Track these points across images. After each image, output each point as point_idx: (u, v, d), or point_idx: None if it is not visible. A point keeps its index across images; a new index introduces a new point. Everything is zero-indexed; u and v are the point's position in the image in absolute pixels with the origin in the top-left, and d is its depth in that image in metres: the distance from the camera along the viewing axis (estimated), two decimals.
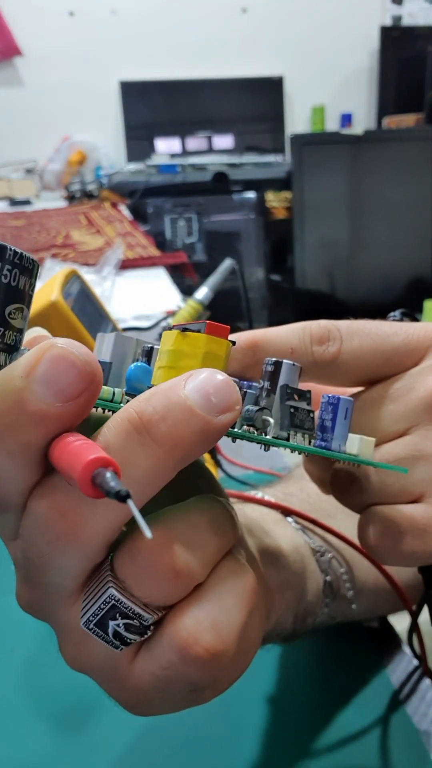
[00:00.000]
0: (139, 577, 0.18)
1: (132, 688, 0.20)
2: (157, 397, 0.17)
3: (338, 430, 0.21)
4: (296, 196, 2.36)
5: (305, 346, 0.24)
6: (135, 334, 0.84)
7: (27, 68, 2.61)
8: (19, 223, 1.80)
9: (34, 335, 0.24)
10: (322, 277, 2.45)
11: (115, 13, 2.63)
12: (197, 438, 0.17)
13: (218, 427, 0.17)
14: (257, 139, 2.76)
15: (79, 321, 0.53)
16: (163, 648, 0.19)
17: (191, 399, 0.17)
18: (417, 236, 2.45)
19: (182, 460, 0.18)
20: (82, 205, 2.08)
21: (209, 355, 0.19)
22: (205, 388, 0.17)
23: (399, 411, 0.24)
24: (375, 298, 2.44)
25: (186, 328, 0.19)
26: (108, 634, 0.19)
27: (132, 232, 1.64)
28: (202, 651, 0.19)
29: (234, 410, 0.18)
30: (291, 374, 0.22)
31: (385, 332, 0.24)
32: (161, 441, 0.17)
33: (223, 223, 2.39)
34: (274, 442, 0.20)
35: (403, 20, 2.88)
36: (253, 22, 2.72)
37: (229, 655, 0.19)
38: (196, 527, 0.20)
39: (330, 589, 0.32)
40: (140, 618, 0.18)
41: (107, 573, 0.19)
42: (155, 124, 2.69)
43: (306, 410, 0.21)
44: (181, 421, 0.17)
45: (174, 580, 0.18)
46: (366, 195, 2.40)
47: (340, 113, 2.87)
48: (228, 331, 0.19)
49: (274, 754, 0.33)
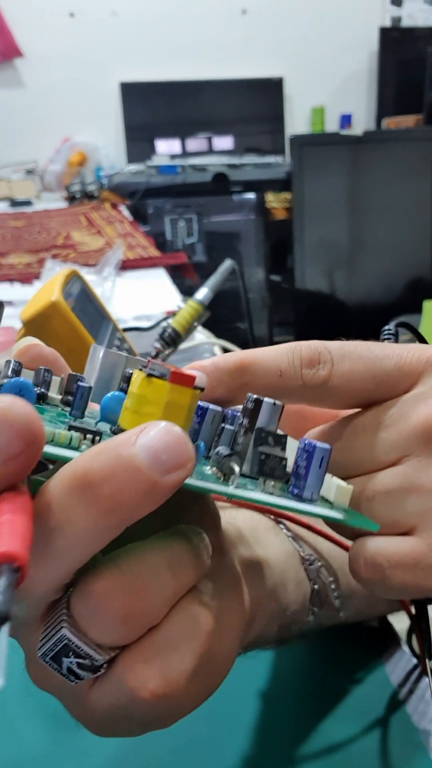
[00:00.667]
0: (90, 620, 0.18)
1: (90, 713, 0.20)
2: (104, 454, 0.17)
3: (311, 479, 0.21)
4: (296, 196, 2.36)
5: (295, 368, 0.24)
6: (135, 335, 0.85)
7: (27, 69, 2.62)
8: (20, 224, 1.80)
9: (26, 344, 0.24)
10: (321, 277, 2.45)
11: (115, 15, 2.63)
12: (142, 498, 0.17)
13: (166, 487, 0.17)
14: (257, 140, 2.76)
15: (80, 321, 0.53)
16: (112, 687, 0.19)
17: (139, 457, 0.17)
18: (417, 237, 2.45)
19: (126, 519, 0.17)
20: (83, 205, 2.09)
21: (171, 405, 0.18)
22: (155, 446, 0.17)
23: (391, 440, 0.23)
24: (375, 299, 2.44)
25: (151, 373, 0.19)
26: (63, 668, 0.19)
27: (132, 233, 1.65)
28: (148, 695, 0.19)
29: (185, 468, 0.17)
30: (271, 414, 0.21)
31: (377, 355, 0.24)
32: (103, 501, 0.17)
33: (223, 224, 2.39)
34: (232, 495, 0.20)
35: (403, 21, 2.88)
36: (253, 23, 2.73)
37: (179, 695, 0.20)
38: (152, 570, 0.19)
39: (318, 597, 0.32)
40: (91, 658, 0.19)
41: (63, 612, 0.19)
42: (155, 125, 2.69)
43: (278, 457, 0.20)
44: (125, 481, 0.17)
45: (123, 625, 0.19)
46: (366, 196, 2.40)
47: (339, 114, 2.87)
48: (193, 380, 0.19)
49: (273, 753, 0.33)
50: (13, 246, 1.52)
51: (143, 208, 2.28)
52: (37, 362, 0.24)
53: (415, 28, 2.87)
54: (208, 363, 0.24)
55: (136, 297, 1.11)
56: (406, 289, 2.45)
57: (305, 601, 0.32)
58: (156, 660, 0.19)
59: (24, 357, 0.24)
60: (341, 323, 2.47)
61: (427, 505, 0.22)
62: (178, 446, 0.17)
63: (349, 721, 0.34)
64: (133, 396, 0.19)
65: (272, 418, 0.21)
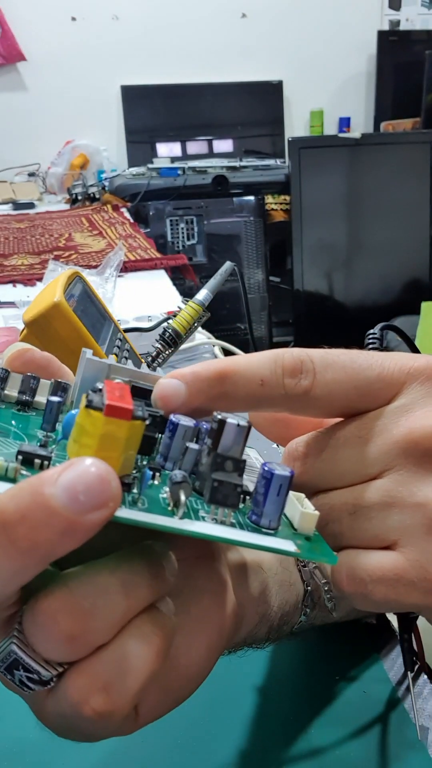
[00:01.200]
0: (37, 637, 0.19)
1: (47, 719, 0.21)
2: (22, 495, 0.17)
3: (269, 507, 0.20)
4: (295, 198, 2.38)
5: (276, 378, 0.23)
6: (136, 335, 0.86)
7: (30, 73, 2.63)
8: (22, 226, 1.82)
9: (16, 349, 0.24)
10: (320, 278, 2.47)
11: (116, 19, 2.65)
12: (59, 539, 0.17)
13: (86, 527, 0.17)
14: (257, 143, 2.78)
15: (81, 322, 0.54)
16: (59, 700, 0.20)
17: (57, 498, 0.16)
18: (414, 238, 2.46)
19: (46, 558, 0.17)
20: (84, 207, 2.10)
21: (107, 438, 0.18)
22: (75, 486, 0.17)
23: (372, 453, 0.23)
24: (373, 300, 2.46)
25: (89, 404, 0.18)
26: (15, 680, 0.19)
27: (133, 235, 1.66)
28: (90, 711, 0.19)
29: (107, 507, 0.17)
30: (235, 436, 0.20)
31: (360, 365, 0.23)
32: (19, 542, 0.17)
33: (223, 226, 2.41)
34: (170, 528, 0.19)
35: (401, 25, 2.90)
36: (253, 27, 2.74)
37: (124, 712, 0.20)
38: (103, 591, 0.19)
39: (311, 598, 0.32)
40: (39, 674, 0.19)
41: (15, 627, 0.19)
42: (156, 128, 2.71)
43: (233, 485, 0.20)
44: (42, 522, 0.17)
45: (68, 644, 0.19)
46: (364, 198, 2.41)
47: (338, 117, 2.89)
48: (130, 413, 0.18)
49: (270, 749, 0.33)
50: (16, 248, 1.54)
51: (144, 210, 2.30)
52: (28, 367, 0.24)
53: (412, 31, 2.88)
54: (188, 372, 0.23)
55: (137, 298, 1.13)
56: (404, 290, 2.46)
57: (298, 602, 0.32)
58: (100, 679, 0.19)
59: (16, 362, 0.24)
60: (340, 324, 2.49)
61: (408, 520, 0.22)
62: (100, 485, 0.17)
63: (347, 717, 0.34)
64: (76, 425, 0.19)
65: (237, 439, 0.20)
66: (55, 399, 0.22)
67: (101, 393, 0.19)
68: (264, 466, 0.20)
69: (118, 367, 0.23)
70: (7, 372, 0.24)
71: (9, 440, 0.21)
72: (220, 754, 0.33)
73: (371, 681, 0.37)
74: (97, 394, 0.19)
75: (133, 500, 0.19)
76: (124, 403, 0.18)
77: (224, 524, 0.20)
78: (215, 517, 0.20)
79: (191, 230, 2.37)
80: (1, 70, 2.61)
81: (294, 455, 0.25)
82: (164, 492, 0.20)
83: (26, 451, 0.19)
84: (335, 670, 0.38)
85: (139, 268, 1.33)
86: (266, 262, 2.45)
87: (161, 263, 1.36)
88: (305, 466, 0.24)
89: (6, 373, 0.24)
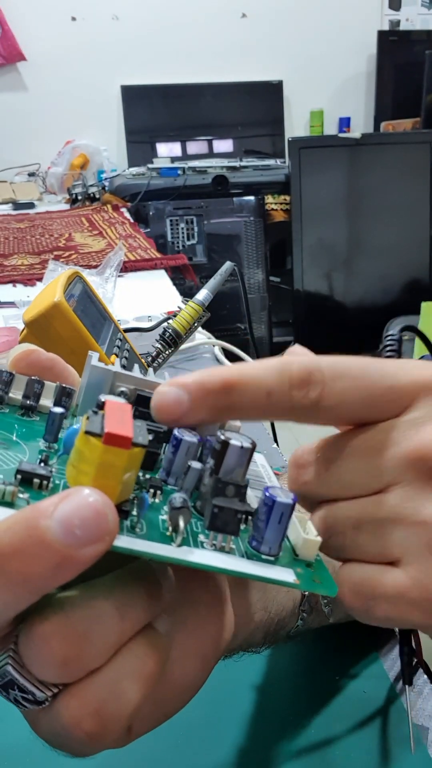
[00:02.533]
0: (31, 659, 0.19)
1: (42, 733, 0.21)
2: (17, 527, 0.17)
3: (269, 534, 0.20)
4: (295, 198, 2.38)
5: (283, 389, 0.22)
6: (136, 335, 0.86)
7: (30, 73, 2.64)
8: (22, 226, 1.82)
9: (22, 350, 0.24)
10: (320, 278, 2.47)
11: (116, 19, 2.65)
12: (52, 573, 0.17)
13: (81, 561, 0.17)
14: (257, 143, 2.78)
15: (82, 322, 0.54)
16: (52, 719, 0.20)
17: (52, 531, 0.16)
18: (414, 239, 2.47)
19: (39, 590, 0.17)
20: (85, 207, 2.11)
21: (104, 466, 0.18)
22: (71, 520, 0.16)
23: (380, 467, 0.22)
24: (373, 300, 2.46)
25: (88, 430, 0.18)
26: (10, 698, 0.20)
27: (133, 235, 1.66)
28: (82, 734, 0.19)
29: (103, 541, 0.17)
30: (238, 458, 0.20)
31: (372, 376, 0.22)
32: (11, 575, 0.17)
33: (223, 226, 2.41)
34: (165, 558, 0.19)
35: (401, 25, 2.90)
36: (253, 27, 2.75)
37: (115, 735, 0.20)
38: (98, 614, 0.19)
39: (308, 603, 0.32)
40: (33, 695, 0.19)
41: (10, 647, 0.19)
42: (156, 128, 2.71)
43: (233, 511, 0.19)
44: (35, 555, 0.16)
45: (62, 668, 0.18)
46: (364, 198, 2.42)
47: (338, 117, 2.89)
48: (129, 442, 0.18)
49: (269, 746, 0.33)
50: (16, 248, 1.54)
51: (144, 210, 2.30)
52: (33, 368, 0.24)
53: (412, 31, 2.88)
54: (191, 381, 0.21)
55: (137, 298, 1.13)
56: (403, 290, 2.46)
57: (295, 606, 0.32)
58: (93, 702, 0.19)
59: (21, 363, 0.24)
60: (340, 323, 2.49)
61: (412, 537, 0.21)
62: (96, 519, 0.16)
63: (346, 715, 0.34)
64: (75, 449, 0.18)
65: (240, 461, 0.20)
66: (58, 410, 0.22)
67: (101, 416, 0.18)
68: (266, 491, 0.20)
69: (124, 374, 0.22)
70: (11, 375, 0.23)
71: (9, 453, 0.21)
72: (220, 753, 0.33)
73: (371, 680, 0.37)
74: (96, 417, 0.18)
75: (131, 525, 0.19)
76: (124, 431, 0.18)
77: (223, 550, 0.20)
78: (214, 542, 0.20)
79: (191, 230, 2.37)
80: (1, 70, 2.62)
81: (299, 463, 0.24)
82: (164, 513, 0.20)
83: (25, 470, 0.19)
84: (335, 669, 0.38)
85: (139, 268, 1.33)
86: (266, 262, 2.46)
87: (161, 263, 1.37)
88: (311, 476, 0.24)
89: (11, 377, 0.23)
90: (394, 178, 2.41)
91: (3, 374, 0.23)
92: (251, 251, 2.44)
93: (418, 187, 2.44)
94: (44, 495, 0.19)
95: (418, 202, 2.45)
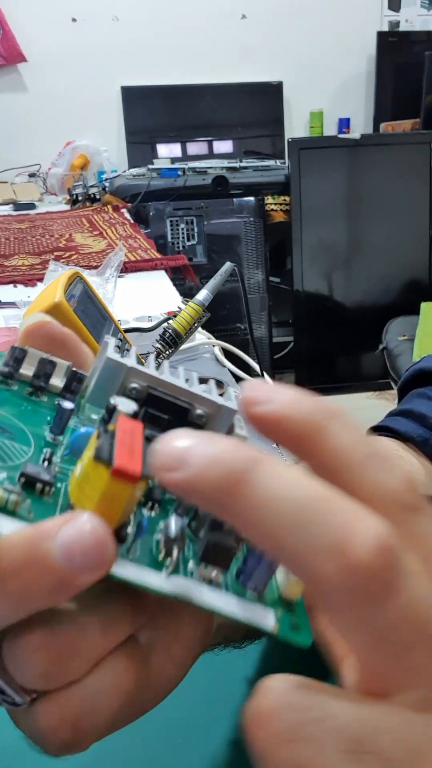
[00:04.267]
0: (13, 666, 0.19)
1: (21, 728, 0.21)
2: (20, 547, 0.17)
3: (258, 573, 0.20)
4: (294, 199, 2.38)
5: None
6: (136, 335, 0.87)
7: (30, 74, 2.64)
8: (23, 227, 1.82)
9: (35, 321, 0.23)
10: (320, 279, 2.47)
11: (117, 20, 2.65)
12: (48, 593, 0.17)
13: (77, 585, 0.17)
14: (257, 144, 2.78)
15: (82, 322, 0.54)
16: (29, 722, 0.20)
17: (53, 555, 0.17)
18: (414, 239, 2.47)
19: (35, 608, 0.18)
20: (85, 208, 2.11)
21: (107, 497, 0.17)
22: (73, 546, 0.17)
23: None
24: (372, 300, 2.47)
25: (98, 455, 0.17)
26: None
27: (134, 235, 1.67)
28: (58, 742, 0.19)
29: (102, 570, 0.17)
30: None
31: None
32: (9, 593, 0.17)
33: (223, 226, 2.41)
34: (155, 591, 0.19)
35: (401, 26, 2.91)
36: (253, 28, 2.75)
37: (90, 743, 0.20)
38: (83, 629, 0.19)
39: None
40: (12, 697, 0.19)
41: None
42: (156, 129, 2.72)
43: (226, 548, 0.19)
44: (36, 576, 0.17)
45: (42, 678, 0.19)
46: (363, 198, 2.42)
47: (338, 118, 2.90)
48: (137, 478, 0.17)
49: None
50: (17, 248, 1.55)
51: (144, 210, 2.31)
52: (45, 341, 0.23)
53: (412, 32, 2.89)
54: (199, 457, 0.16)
55: (138, 298, 1.13)
56: (403, 291, 2.47)
57: None
58: (70, 712, 0.19)
59: (34, 334, 0.23)
60: (340, 323, 2.50)
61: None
62: (96, 549, 0.17)
63: None
64: (82, 467, 0.18)
65: None
66: (68, 406, 0.21)
67: (111, 436, 0.18)
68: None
69: (137, 370, 0.21)
70: (24, 352, 0.22)
71: (14, 445, 0.21)
72: (217, 748, 0.33)
73: None
74: (106, 438, 0.18)
75: (126, 549, 0.19)
76: (132, 466, 0.17)
77: (211, 583, 0.20)
78: (203, 574, 0.20)
79: (191, 231, 2.38)
80: (2, 71, 2.62)
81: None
82: (159, 532, 0.20)
83: (29, 473, 0.19)
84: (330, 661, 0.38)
85: (140, 268, 1.34)
86: (266, 262, 2.46)
87: (161, 264, 1.37)
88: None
89: (23, 354, 0.22)
90: (393, 179, 2.41)
91: (16, 351, 0.22)
92: (251, 252, 2.45)
93: (417, 187, 2.44)
94: (45, 500, 0.19)
95: (418, 202, 2.45)
